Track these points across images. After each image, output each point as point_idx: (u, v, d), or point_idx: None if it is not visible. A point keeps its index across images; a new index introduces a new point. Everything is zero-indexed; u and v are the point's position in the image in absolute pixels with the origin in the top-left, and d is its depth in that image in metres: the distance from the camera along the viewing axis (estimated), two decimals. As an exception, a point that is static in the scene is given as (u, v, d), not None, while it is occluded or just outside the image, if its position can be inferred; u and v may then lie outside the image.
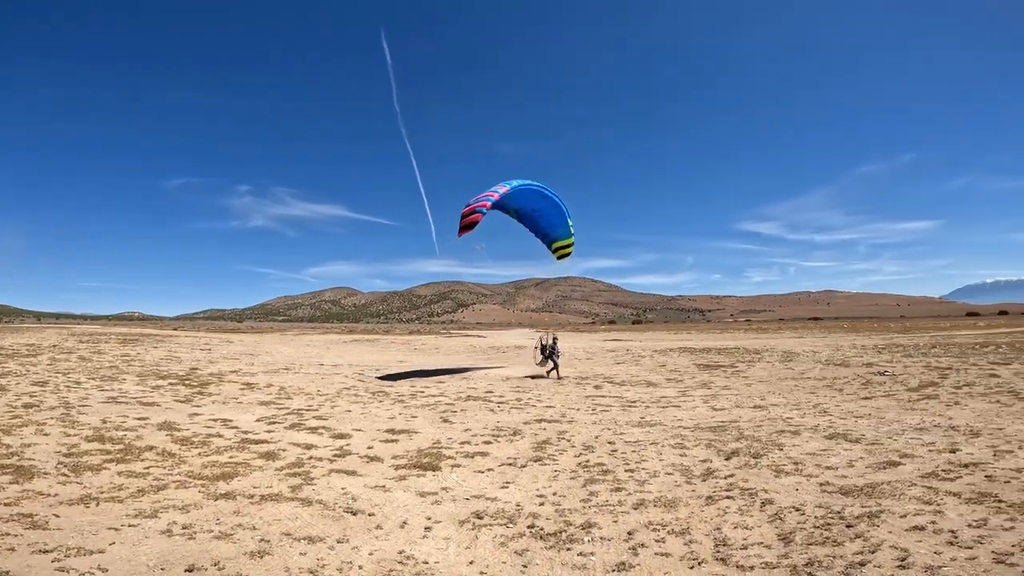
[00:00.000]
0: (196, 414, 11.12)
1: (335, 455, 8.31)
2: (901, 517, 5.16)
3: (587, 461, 7.89)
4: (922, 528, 4.89)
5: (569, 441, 9.20)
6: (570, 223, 20.31)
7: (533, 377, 19.40)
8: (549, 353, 19.57)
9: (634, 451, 8.37)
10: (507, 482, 7.02)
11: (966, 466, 6.63)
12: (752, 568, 4.39)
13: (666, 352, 30.25)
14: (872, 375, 16.87)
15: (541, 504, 6.16)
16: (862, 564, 4.28)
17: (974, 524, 4.90)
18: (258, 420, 10.78)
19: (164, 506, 5.85)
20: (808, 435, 8.93)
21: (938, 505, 5.41)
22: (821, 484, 6.33)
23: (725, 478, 6.79)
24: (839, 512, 5.39)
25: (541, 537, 5.25)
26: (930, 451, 7.48)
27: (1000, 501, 5.39)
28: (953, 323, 75.17)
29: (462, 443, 9.18)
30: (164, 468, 7.25)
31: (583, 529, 5.40)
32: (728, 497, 6.08)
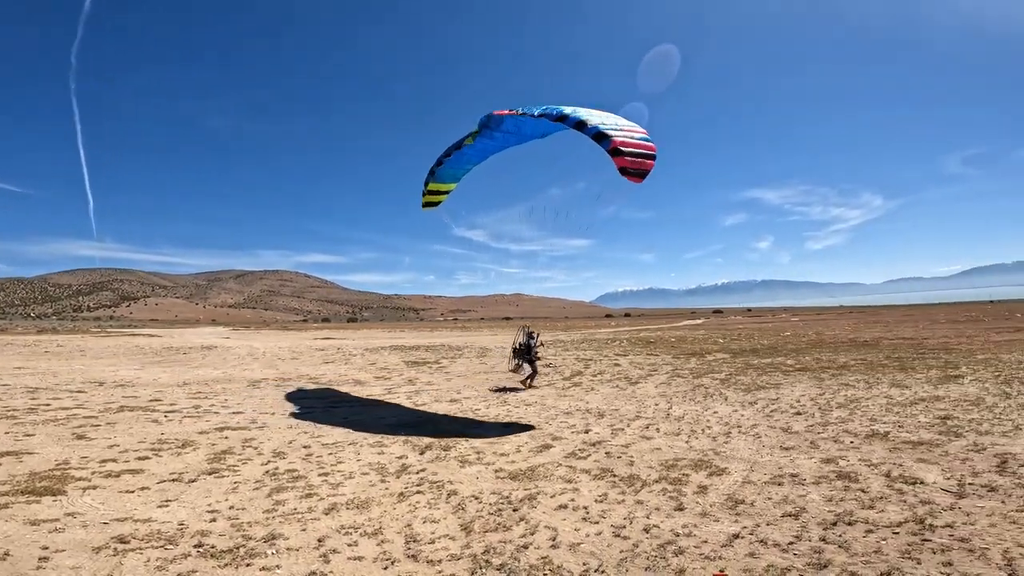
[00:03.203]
0: None
1: None
2: (551, 497, 6.16)
3: (276, 469, 7.26)
4: (566, 507, 5.86)
5: (256, 449, 8.29)
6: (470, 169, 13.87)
7: (507, 390, 14.76)
8: (531, 357, 15.08)
9: (331, 453, 8.07)
10: (168, 500, 6.02)
11: (594, 445, 8.46)
12: (440, 561, 4.64)
13: (378, 350, 30.52)
14: (541, 367, 20.45)
15: (213, 520, 5.44)
16: (526, 547, 4.89)
17: (599, 499, 6.06)
18: None
19: None
20: (490, 424, 10.20)
21: (576, 483, 6.63)
22: (496, 471, 7.19)
23: (418, 473, 7.14)
24: (508, 497, 6.18)
25: (213, 556, 4.65)
26: (572, 433, 9.36)
27: (615, 476, 6.87)
28: (596, 323, 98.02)
29: (104, 461, 7.46)
30: None
31: (266, 542, 4.94)
32: (419, 492, 6.38)
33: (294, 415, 11.26)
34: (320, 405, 12.54)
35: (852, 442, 7.96)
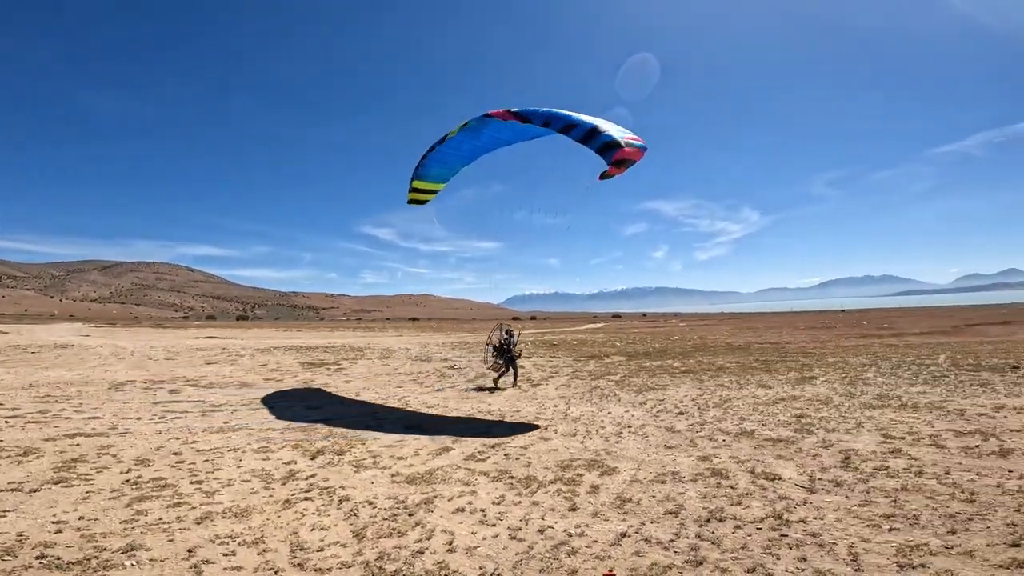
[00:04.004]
0: None
1: None
2: (449, 500, 6.09)
3: (139, 477, 6.57)
4: (463, 509, 5.81)
5: (115, 456, 7.43)
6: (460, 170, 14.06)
7: (490, 389, 14.94)
8: (509, 356, 15.20)
9: (207, 460, 7.40)
10: (4, 511, 5.41)
11: (493, 447, 8.49)
12: (329, 570, 4.44)
13: (270, 351, 28.52)
14: (446, 368, 20.32)
15: (58, 531, 4.92)
16: (421, 552, 4.79)
17: (496, 501, 6.07)
18: None
19: None
20: (389, 427, 9.91)
21: (474, 486, 6.60)
22: (392, 475, 7.00)
23: (307, 479, 6.76)
24: (403, 501, 6.03)
25: (58, 567, 4.24)
26: (473, 435, 9.37)
27: (512, 477, 6.92)
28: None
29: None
30: None
31: (124, 553, 4.51)
32: (307, 499, 6.06)
33: (164, 420, 10.17)
34: (196, 409, 11.43)
35: (724, 440, 8.70)
